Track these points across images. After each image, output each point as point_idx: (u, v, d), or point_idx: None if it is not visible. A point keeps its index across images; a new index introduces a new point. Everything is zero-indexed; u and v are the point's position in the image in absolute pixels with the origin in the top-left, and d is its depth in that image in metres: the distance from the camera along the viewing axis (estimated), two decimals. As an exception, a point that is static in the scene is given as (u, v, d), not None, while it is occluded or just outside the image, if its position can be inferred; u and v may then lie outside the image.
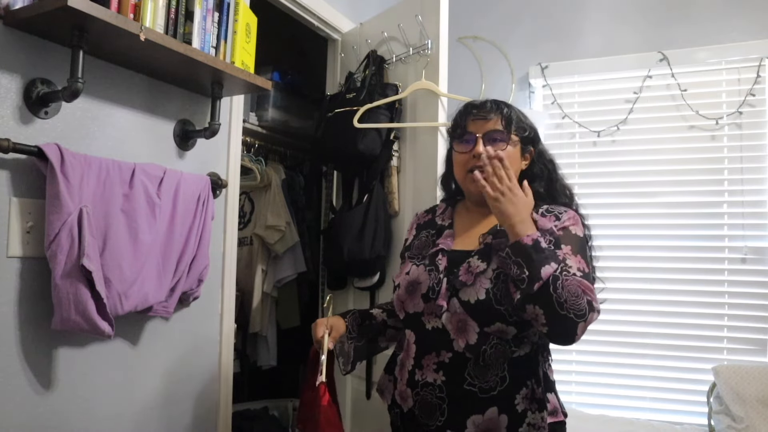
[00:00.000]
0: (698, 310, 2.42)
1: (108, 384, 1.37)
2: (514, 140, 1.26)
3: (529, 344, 1.19)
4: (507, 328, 1.15)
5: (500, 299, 1.13)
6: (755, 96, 2.39)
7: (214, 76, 1.47)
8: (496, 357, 1.15)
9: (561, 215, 1.22)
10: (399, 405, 1.27)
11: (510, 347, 1.16)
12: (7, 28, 1.15)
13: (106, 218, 1.25)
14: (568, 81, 2.71)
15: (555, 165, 1.34)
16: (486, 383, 1.15)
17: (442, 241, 1.29)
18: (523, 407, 1.15)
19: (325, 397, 1.24)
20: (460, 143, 1.29)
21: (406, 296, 1.26)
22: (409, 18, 1.95)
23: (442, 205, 1.43)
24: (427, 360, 1.19)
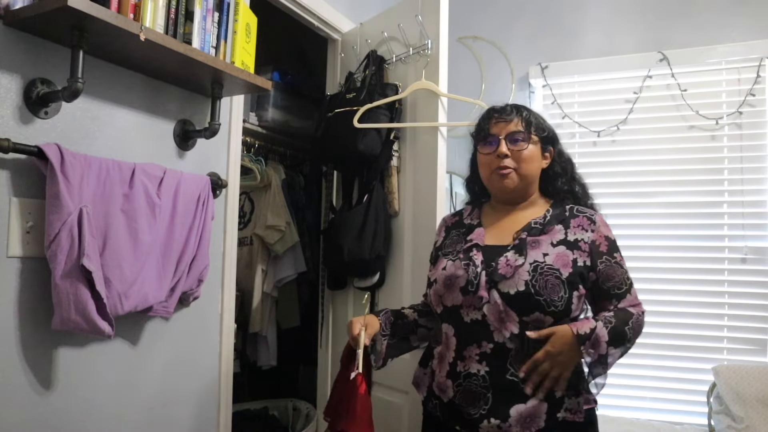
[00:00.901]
0: (698, 310, 2.42)
1: (108, 384, 1.37)
2: (534, 140, 1.35)
3: None
4: (545, 318, 1.22)
5: (539, 290, 1.21)
6: (755, 96, 2.39)
7: (214, 76, 1.47)
8: (535, 346, 1.21)
9: (593, 218, 1.34)
10: (438, 396, 1.32)
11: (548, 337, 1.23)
12: (7, 28, 1.15)
13: (106, 218, 1.25)
14: (568, 81, 2.71)
15: (573, 164, 1.45)
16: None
17: (474, 237, 1.37)
18: (561, 394, 1.22)
19: (362, 386, 1.27)
20: (484, 145, 1.38)
21: (444, 290, 1.32)
22: (409, 18, 1.95)
23: (468, 208, 1.52)
24: (469, 351, 1.25)
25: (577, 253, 1.27)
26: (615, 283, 1.29)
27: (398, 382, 1.87)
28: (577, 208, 1.36)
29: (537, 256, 1.25)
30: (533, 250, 1.27)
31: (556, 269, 1.23)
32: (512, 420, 1.20)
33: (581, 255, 1.27)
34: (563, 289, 1.22)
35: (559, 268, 1.23)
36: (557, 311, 1.22)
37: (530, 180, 1.37)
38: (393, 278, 2.01)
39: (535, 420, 1.20)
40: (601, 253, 1.29)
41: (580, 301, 1.27)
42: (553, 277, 1.22)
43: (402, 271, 1.97)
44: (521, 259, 1.25)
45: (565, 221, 1.33)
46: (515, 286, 1.22)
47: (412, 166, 1.98)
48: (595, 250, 1.29)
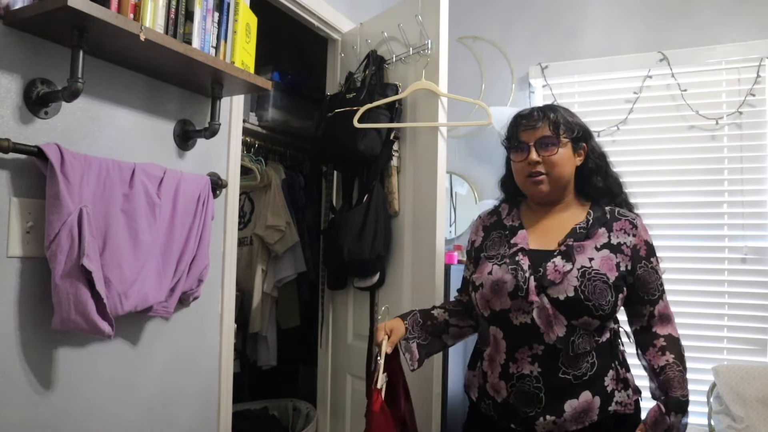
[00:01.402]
0: (698, 310, 2.42)
1: (108, 384, 1.37)
2: (564, 142, 1.35)
3: (608, 332, 1.32)
4: (593, 321, 1.26)
5: (588, 296, 1.24)
6: (755, 96, 2.39)
7: (214, 76, 1.47)
8: (583, 347, 1.27)
9: (636, 223, 1.36)
10: (491, 396, 1.35)
11: (594, 337, 1.28)
12: (7, 28, 1.15)
13: (106, 218, 1.25)
14: (568, 81, 2.71)
15: (606, 158, 1.44)
16: (578, 370, 1.26)
17: (519, 240, 1.38)
18: (611, 388, 1.29)
19: (377, 402, 1.29)
20: (516, 153, 1.40)
21: (491, 295, 1.33)
22: (409, 18, 1.95)
23: (505, 206, 1.51)
24: (521, 353, 1.29)
25: (620, 257, 1.30)
26: (650, 288, 1.34)
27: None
28: (619, 210, 1.39)
29: (584, 261, 1.28)
30: (579, 255, 1.29)
31: (603, 274, 1.26)
32: (567, 415, 1.25)
33: (624, 259, 1.30)
34: (610, 293, 1.26)
35: (605, 273, 1.27)
36: (604, 315, 1.26)
37: (564, 182, 1.37)
38: (393, 278, 2.01)
39: (589, 414, 1.25)
40: (641, 257, 1.32)
41: (621, 302, 1.31)
42: (600, 282, 1.25)
43: (402, 271, 1.97)
44: (569, 265, 1.28)
45: (608, 224, 1.35)
46: (564, 291, 1.25)
47: (412, 166, 1.98)
48: (636, 255, 1.32)
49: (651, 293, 1.34)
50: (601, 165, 1.42)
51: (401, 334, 1.41)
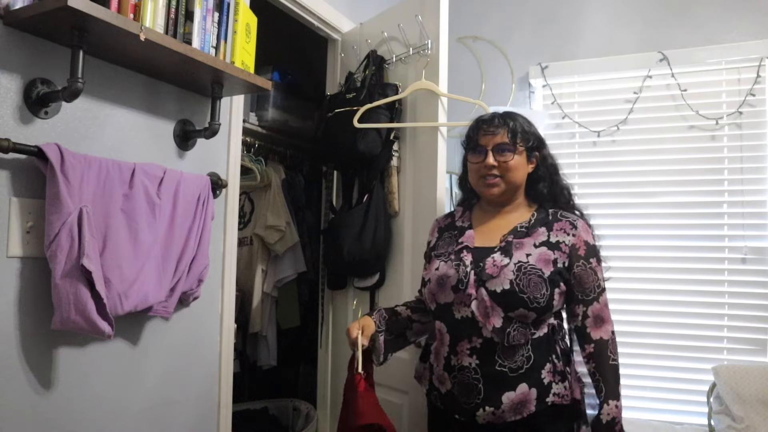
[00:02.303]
0: (698, 310, 2.42)
1: (108, 384, 1.37)
2: (519, 149, 1.45)
3: (546, 326, 1.38)
4: (528, 313, 1.33)
5: (523, 288, 1.32)
6: (755, 96, 2.38)
7: (214, 76, 1.47)
8: (518, 339, 1.33)
9: (576, 224, 1.44)
10: (437, 388, 1.44)
11: (530, 330, 1.35)
12: (7, 28, 1.15)
13: (106, 218, 1.25)
14: (568, 81, 2.70)
15: (557, 167, 1.54)
16: (514, 363, 1.33)
17: (465, 239, 1.48)
18: (548, 380, 1.34)
19: (361, 384, 1.39)
20: (473, 154, 1.50)
21: (437, 289, 1.43)
22: (409, 18, 1.95)
23: (459, 209, 1.63)
24: (461, 346, 1.37)
25: (558, 254, 1.38)
26: (586, 288, 1.39)
27: (398, 382, 1.87)
28: (561, 212, 1.47)
29: (521, 256, 1.37)
30: (518, 251, 1.38)
31: (539, 268, 1.34)
32: (505, 407, 1.32)
33: (561, 256, 1.38)
34: (545, 287, 1.33)
35: (541, 267, 1.35)
36: (539, 307, 1.33)
37: (516, 187, 1.48)
38: (393, 278, 2.01)
39: (526, 405, 1.32)
40: (579, 256, 1.40)
41: (561, 297, 1.39)
42: (536, 276, 1.33)
43: (402, 271, 1.97)
44: (507, 260, 1.37)
45: (549, 224, 1.44)
46: (501, 284, 1.33)
47: (412, 166, 1.98)
48: (574, 254, 1.40)
49: (586, 293, 1.39)
50: (550, 174, 1.52)
51: (373, 329, 1.50)
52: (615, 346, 1.39)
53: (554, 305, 1.36)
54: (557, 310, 1.40)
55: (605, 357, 1.36)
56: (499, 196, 1.47)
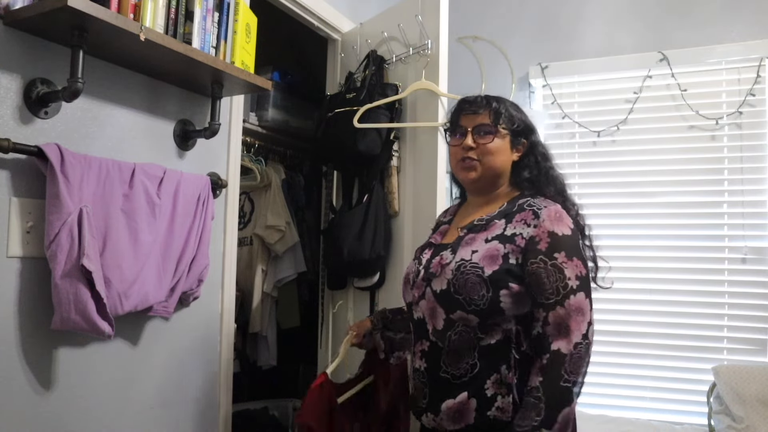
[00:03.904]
0: (698, 310, 2.42)
1: (108, 384, 1.37)
2: (502, 133, 1.32)
3: (500, 332, 1.20)
4: (468, 316, 1.20)
5: (458, 289, 1.20)
6: (755, 96, 2.38)
7: (214, 76, 1.47)
8: (461, 344, 1.20)
9: (540, 212, 1.21)
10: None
11: (477, 335, 1.20)
12: (7, 28, 1.15)
13: (106, 218, 1.25)
14: (568, 81, 2.70)
15: (548, 157, 1.37)
16: (458, 370, 1.20)
17: (434, 236, 1.42)
18: (492, 392, 1.18)
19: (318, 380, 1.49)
20: (453, 136, 1.38)
21: (403, 287, 1.39)
22: (409, 18, 1.95)
23: (454, 205, 1.53)
24: (417, 348, 1.30)
25: (510, 248, 1.19)
26: (545, 289, 1.15)
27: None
28: (529, 202, 1.26)
29: (465, 253, 1.22)
30: (464, 248, 1.24)
31: (480, 267, 1.18)
32: (443, 414, 1.21)
33: (514, 251, 1.19)
34: (485, 288, 1.17)
35: (483, 266, 1.18)
36: (479, 310, 1.18)
37: (495, 173, 1.32)
38: (393, 278, 2.01)
39: (464, 416, 1.18)
40: (537, 251, 1.17)
41: (518, 300, 1.18)
42: (473, 275, 1.18)
43: (402, 271, 1.96)
44: (451, 257, 1.24)
45: (510, 215, 1.25)
46: (441, 284, 1.23)
47: (412, 166, 1.98)
48: (531, 248, 1.18)
49: (546, 296, 1.15)
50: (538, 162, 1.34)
51: (366, 328, 1.51)
52: (576, 365, 1.11)
53: (504, 309, 1.17)
54: (520, 313, 1.19)
55: (556, 374, 1.10)
56: (475, 181, 1.32)
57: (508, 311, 1.18)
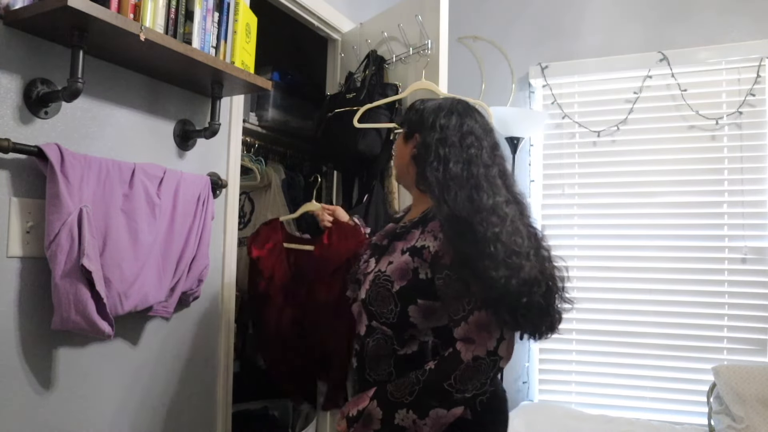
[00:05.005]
0: (698, 310, 2.42)
1: (108, 384, 1.37)
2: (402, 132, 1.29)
3: (416, 344, 1.17)
4: (382, 327, 1.19)
5: (371, 301, 1.19)
6: (755, 96, 2.39)
7: (214, 76, 1.47)
8: (376, 351, 1.19)
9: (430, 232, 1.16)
10: None
11: (393, 344, 1.18)
12: (7, 28, 1.15)
13: (106, 218, 1.25)
14: (568, 81, 2.71)
15: (428, 151, 1.17)
16: (378, 375, 1.20)
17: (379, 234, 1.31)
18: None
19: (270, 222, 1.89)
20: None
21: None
22: (409, 18, 1.95)
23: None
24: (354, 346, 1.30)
25: (418, 262, 1.13)
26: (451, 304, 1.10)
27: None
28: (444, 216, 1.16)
29: (383, 265, 1.19)
30: (385, 258, 1.21)
31: (391, 281, 1.15)
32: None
33: (422, 264, 1.13)
34: (393, 303, 1.14)
35: (393, 280, 1.15)
36: (391, 323, 1.16)
37: (399, 173, 1.30)
38: (393, 278, 2.00)
39: (373, 421, 1.14)
40: (442, 266, 1.10)
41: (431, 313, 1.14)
42: (384, 289, 1.16)
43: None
44: (373, 265, 1.23)
45: (425, 224, 1.18)
46: (363, 292, 1.21)
47: (412, 166, 1.97)
48: (436, 262, 1.11)
49: (454, 311, 1.09)
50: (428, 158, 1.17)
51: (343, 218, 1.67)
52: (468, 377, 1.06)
53: (415, 323, 1.14)
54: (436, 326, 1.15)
55: (444, 373, 1.07)
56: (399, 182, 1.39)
57: (420, 325, 1.15)
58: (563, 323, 1.17)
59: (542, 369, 2.66)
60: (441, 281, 1.10)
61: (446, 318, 1.13)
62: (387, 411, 1.10)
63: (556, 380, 2.64)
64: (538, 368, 2.66)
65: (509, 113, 2.57)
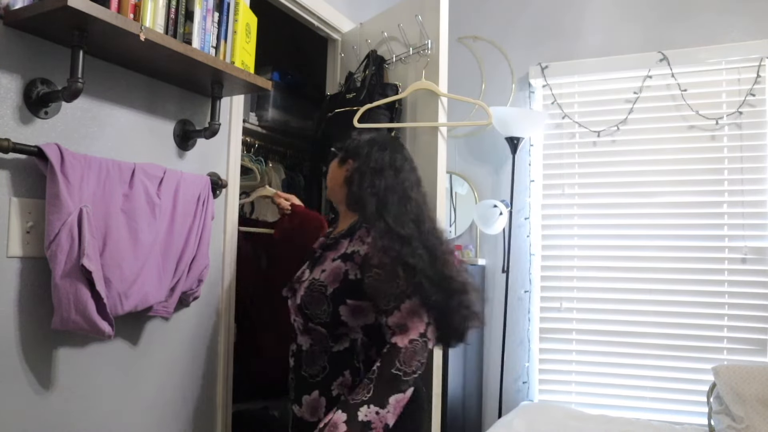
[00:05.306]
0: (698, 310, 2.42)
1: (108, 384, 1.37)
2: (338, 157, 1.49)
3: (347, 341, 1.35)
4: (317, 327, 1.35)
5: (306, 305, 1.34)
6: (755, 96, 2.39)
7: (214, 76, 1.47)
8: (314, 349, 1.36)
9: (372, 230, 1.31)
10: None
11: (328, 342, 1.35)
12: (7, 28, 1.15)
13: (106, 218, 1.25)
14: (568, 81, 2.71)
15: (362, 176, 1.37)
16: (313, 370, 1.36)
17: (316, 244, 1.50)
18: (337, 392, 1.33)
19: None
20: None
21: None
22: (409, 18, 1.95)
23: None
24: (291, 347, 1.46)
25: (350, 265, 1.32)
26: (382, 297, 1.26)
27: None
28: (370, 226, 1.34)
29: (317, 273, 1.37)
30: (318, 267, 1.39)
31: (325, 285, 1.32)
32: (304, 407, 1.37)
33: (353, 267, 1.31)
34: (327, 304, 1.31)
35: (327, 284, 1.32)
36: (324, 323, 1.33)
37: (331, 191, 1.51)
38: (393, 278, 2.00)
39: (317, 411, 1.34)
40: (371, 265, 1.28)
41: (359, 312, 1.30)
42: (318, 292, 1.33)
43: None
44: (307, 274, 1.40)
45: (353, 234, 1.38)
46: (299, 297, 1.37)
47: (412, 166, 1.97)
48: (366, 263, 1.29)
49: (384, 302, 1.26)
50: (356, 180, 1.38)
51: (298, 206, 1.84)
52: (410, 357, 1.21)
53: (346, 321, 1.31)
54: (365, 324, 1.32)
55: (389, 362, 1.22)
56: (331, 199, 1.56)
57: (351, 323, 1.32)
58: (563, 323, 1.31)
59: (542, 369, 2.66)
60: (371, 279, 1.28)
61: (373, 316, 1.31)
62: (350, 412, 1.20)
63: (556, 380, 2.64)
64: (538, 368, 2.66)
65: (509, 113, 2.57)
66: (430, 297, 1.24)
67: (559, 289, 2.65)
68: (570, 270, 2.65)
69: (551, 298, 2.66)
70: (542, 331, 2.66)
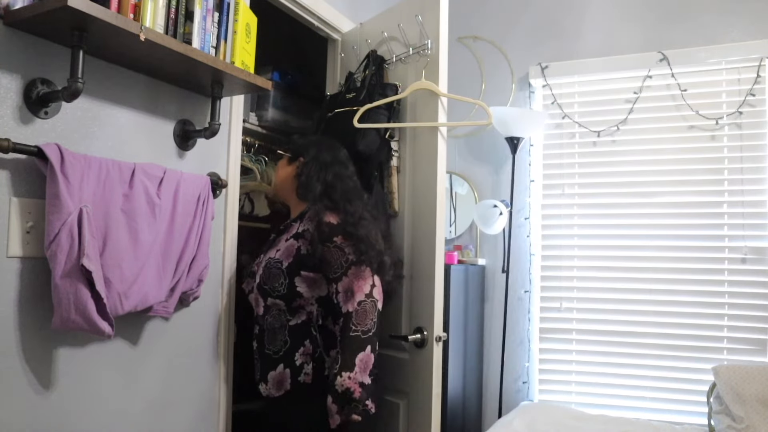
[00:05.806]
0: (698, 310, 2.42)
1: (108, 384, 1.37)
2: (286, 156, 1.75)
3: (304, 314, 1.54)
4: (276, 301, 1.53)
5: (265, 281, 1.54)
6: (755, 96, 2.39)
7: (214, 76, 1.47)
8: (275, 325, 1.53)
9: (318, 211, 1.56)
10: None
11: (286, 316, 1.53)
12: (7, 28, 1.15)
13: (106, 218, 1.25)
14: (568, 81, 2.71)
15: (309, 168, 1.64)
16: (275, 347, 1.53)
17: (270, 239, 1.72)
18: (301, 362, 1.51)
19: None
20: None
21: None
22: (409, 18, 1.95)
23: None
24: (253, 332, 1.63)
25: (302, 242, 1.53)
26: (332, 267, 1.49)
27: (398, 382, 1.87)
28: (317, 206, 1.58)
29: (272, 253, 1.57)
30: (272, 249, 1.60)
31: (280, 261, 1.53)
32: (270, 384, 1.53)
33: (304, 243, 1.52)
34: (283, 277, 1.51)
35: (282, 260, 1.52)
36: (282, 294, 1.51)
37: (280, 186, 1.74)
38: (393, 278, 2.00)
39: (283, 383, 1.51)
40: (319, 240, 1.50)
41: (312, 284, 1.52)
42: (275, 268, 1.52)
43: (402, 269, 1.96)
44: (263, 257, 1.60)
45: (303, 216, 1.60)
46: (257, 279, 1.57)
47: (411, 166, 1.98)
48: (315, 239, 1.50)
49: (333, 271, 1.48)
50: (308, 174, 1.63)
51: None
52: (362, 317, 1.44)
53: (301, 292, 1.50)
54: (318, 296, 1.52)
55: (347, 328, 1.43)
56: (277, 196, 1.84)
57: (306, 293, 1.51)
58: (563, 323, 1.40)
59: (542, 369, 2.66)
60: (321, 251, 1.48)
61: (326, 288, 1.51)
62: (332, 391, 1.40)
63: (556, 380, 2.64)
64: (538, 368, 2.66)
65: (509, 113, 2.57)
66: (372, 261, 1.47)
67: (559, 289, 2.65)
68: (570, 270, 2.65)
69: (551, 298, 2.66)
70: (542, 331, 2.66)
